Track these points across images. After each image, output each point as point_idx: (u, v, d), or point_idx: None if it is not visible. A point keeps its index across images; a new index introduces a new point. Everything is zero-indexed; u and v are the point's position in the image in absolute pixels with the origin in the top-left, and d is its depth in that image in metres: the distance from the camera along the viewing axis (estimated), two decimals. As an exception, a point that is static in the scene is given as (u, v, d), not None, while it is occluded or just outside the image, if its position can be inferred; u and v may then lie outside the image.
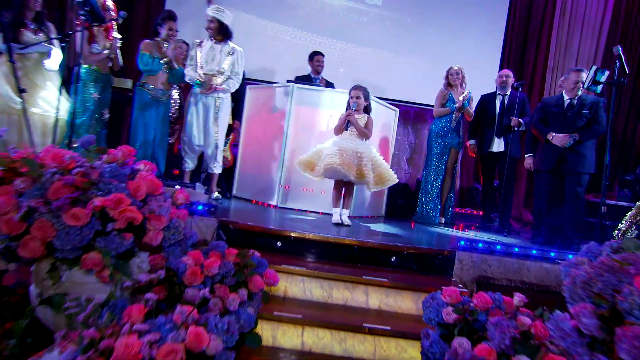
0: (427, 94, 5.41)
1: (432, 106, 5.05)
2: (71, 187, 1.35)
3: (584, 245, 1.38)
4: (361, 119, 3.33)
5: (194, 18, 4.96)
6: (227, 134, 3.99)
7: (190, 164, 3.80)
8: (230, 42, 3.70)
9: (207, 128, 3.69)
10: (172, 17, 3.59)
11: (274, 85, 4.24)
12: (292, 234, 2.67)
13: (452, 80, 4.37)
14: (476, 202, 5.64)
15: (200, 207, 2.63)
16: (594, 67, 3.10)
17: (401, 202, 4.79)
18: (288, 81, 4.16)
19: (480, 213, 5.13)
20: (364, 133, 3.31)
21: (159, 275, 1.40)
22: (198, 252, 1.81)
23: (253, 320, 1.63)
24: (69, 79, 3.39)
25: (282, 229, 2.72)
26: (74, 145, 2.84)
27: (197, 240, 1.90)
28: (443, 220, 4.46)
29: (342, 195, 3.38)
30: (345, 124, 3.22)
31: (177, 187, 2.78)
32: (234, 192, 4.34)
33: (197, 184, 2.88)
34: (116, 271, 1.37)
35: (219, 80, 3.65)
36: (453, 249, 2.71)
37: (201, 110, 3.68)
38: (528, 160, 4.05)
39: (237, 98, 4.15)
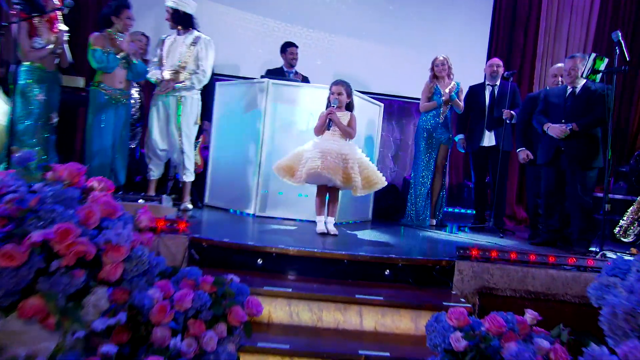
0: (412, 86, 5.34)
1: (418, 99, 5.01)
2: (2, 219, 1.17)
3: (607, 262, 1.29)
4: (343, 117, 3.24)
5: (156, 7, 4.71)
6: (197, 136, 3.84)
7: (155, 172, 3.64)
8: (195, 32, 3.55)
9: (170, 131, 3.53)
10: (126, 4, 3.38)
11: (247, 81, 4.12)
12: (274, 250, 2.52)
13: (438, 71, 4.31)
14: (467, 200, 5.63)
15: (168, 225, 2.45)
16: (593, 55, 3.05)
17: (388, 203, 4.71)
18: (262, 76, 4.05)
19: (472, 211, 5.11)
20: (348, 132, 3.22)
21: (119, 320, 1.23)
22: (167, 282, 1.64)
23: (234, 360, 1.48)
24: (5, 79, 3.13)
25: (262, 244, 2.57)
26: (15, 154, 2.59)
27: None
28: (434, 222, 4.42)
29: (327, 201, 3.28)
30: (327, 124, 3.11)
31: (140, 202, 2.59)
32: (206, 200, 4.19)
33: (164, 196, 2.70)
34: (65, 318, 1.19)
35: (181, 76, 3.48)
36: (452, 259, 2.63)
37: (162, 112, 3.53)
38: (522, 155, 4.00)
39: (206, 95, 3.98)
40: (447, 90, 4.24)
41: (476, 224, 4.53)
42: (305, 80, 4.74)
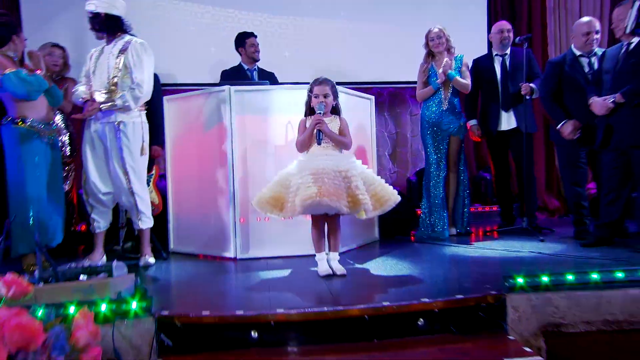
0: (403, 69, 5.26)
1: (412, 83, 4.84)
2: None
3: None
4: (332, 123, 2.99)
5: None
6: (148, 168, 3.53)
7: (101, 223, 3.33)
8: (126, 36, 3.27)
9: (111, 168, 3.23)
10: (17, 24, 3.20)
11: (202, 91, 3.82)
12: (272, 318, 2.18)
13: (434, 46, 4.08)
14: (486, 195, 5.46)
15: (124, 306, 2.08)
16: (637, 3, 2.80)
17: (395, 215, 4.41)
18: (221, 83, 3.82)
19: (495, 209, 5.00)
20: (343, 143, 2.97)
21: None
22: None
23: None
24: None
25: (256, 311, 2.22)
26: None
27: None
28: (454, 230, 4.20)
29: (326, 232, 3.00)
30: (315, 136, 2.83)
31: (82, 278, 2.21)
32: (172, 246, 3.90)
33: (115, 262, 2.34)
34: None
35: (114, 94, 3.17)
36: (499, 292, 2.33)
37: (98, 145, 3.24)
38: (568, 128, 3.65)
39: (154, 115, 3.72)
40: (440, 70, 3.99)
41: (504, 225, 4.36)
42: (271, 77, 4.49)
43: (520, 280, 2.32)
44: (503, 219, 4.46)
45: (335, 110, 3.04)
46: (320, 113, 2.89)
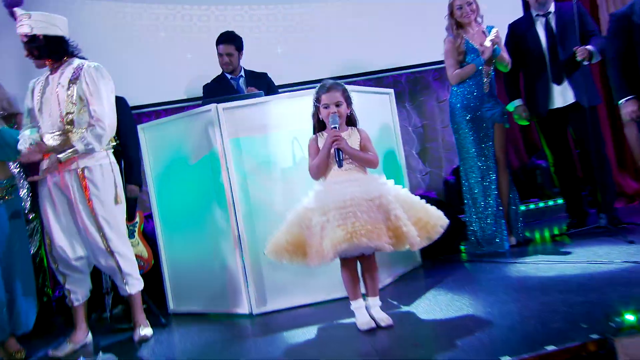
0: (421, 47, 5.14)
1: (434, 64, 4.92)
2: None
3: None
4: (351, 138, 2.78)
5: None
6: (129, 216, 3.40)
7: (78, 293, 3.11)
8: (76, 61, 3.08)
9: (80, 227, 3.03)
10: None
11: (182, 114, 3.70)
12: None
13: (464, 15, 3.87)
14: (542, 187, 5.27)
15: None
16: None
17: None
18: (204, 100, 3.65)
19: (557, 204, 4.90)
20: (368, 161, 2.76)
21: None
22: None
23: None
24: None
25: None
26: None
27: None
28: (514, 240, 3.97)
29: (361, 273, 2.80)
30: (335, 157, 2.65)
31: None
32: (172, 306, 3.71)
33: (101, 355, 2.10)
34: None
35: (73, 137, 2.97)
36: (603, 335, 2.04)
37: (59, 200, 3.02)
38: (628, 107, 3.47)
39: (126, 147, 3.65)
40: (487, 43, 3.76)
41: (574, 225, 4.11)
42: (261, 80, 4.35)
43: (630, 317, 2.03)
44: (571, 215, 4.21)
45: (351, 121, 2.85)
46: (335, 127, 2.68)
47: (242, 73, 4.37)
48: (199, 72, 4.69)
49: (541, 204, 5.12)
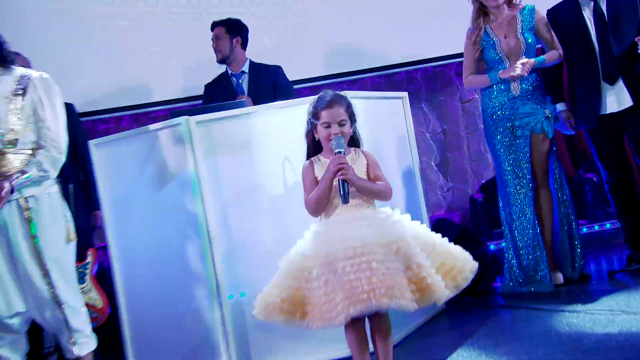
0: (441, 37, 5.15)
1: (457, 56, 4.80)
2: None
3: None
4: (356, 163, 2.73)
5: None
6: (79, 256, 3.38)
7: (12, 358, 3.05)
8: (15, 70, 3.08)
9: (20, 272, 2.97)
10: None
11: (145, 128, 3.69)
12: None
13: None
14: (594, 207, 5.24)
15: None
16: None
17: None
18: (172, 113, 3.63)
19: (610, 226, 4.97)
20: (380, 193, 2.69)
21: None
22: None
23: None
24: None
25: None
26: None
27: None
28: (561, 277, 3.90)
29: (371, 333, 2.71)
30: (340, 190, 2.58)
31: None
32: None
33: None
34: None
35: (13, 161, 2.96)
36: None
37: None
38: None
39: (82, 166, 3.80)
40: (516, 71, 3.73)
41: (636, 258, 3.97)
42: (269, 78, 4.47)
43: None
44: (632, 245, 4.05)
45: (354, 140, 2.79)
46: (341, 152, 2.59)
47: (246, 68, 4.44)
48: (169, 69, 4.82)
49: (595, 227, 5.11)
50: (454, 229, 4.16)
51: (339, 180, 2.56)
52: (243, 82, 4.46)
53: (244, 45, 4.46)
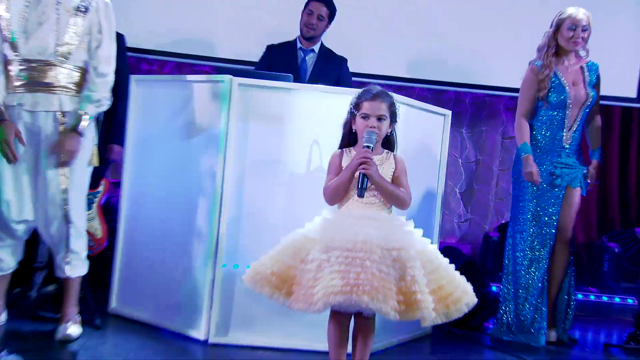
0: (499, 66, 5.19)
1: (510, 90, 4.95)
2: None
3: None
4: (384, 165, 2.76)
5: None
6: (92, 184, 3.38)
7: (4, 262, 3.16)
8: None
9: (40, 183, 3.08)
10: None
11: (189, 76, 3.83)
12: None
13: (571, 40, 3.83)
14: (603, 276, 5.18)
15: None
16: None
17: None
18: (220, 70, 3.69)
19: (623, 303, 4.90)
20: (397, 198, 2.71)
21: None
22: None
23: None
24: None
25: None
26: None
27: None
28: (554, 335, 3.91)
29: (353, 332, 2.76)
30: (358, 183, 2.61)
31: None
32: (113, 304, 3.74)
33: (4, 355, 2.06)
34: None
35: (59, 76, 3.05)
36: None
37: (25, 144, 3.07)
38: None
39: (118, 98, 3.67)
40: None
41: (637, 337, 3.94)
42: (333, 68, 4.47)
43: None
44: (638, 323, 4.03)
45: (389, 143, 2.81)
46: (369, 147, 2.63)
47: (316, 48, 4.48)
48: (225, 27, 4.86)
49: (604, 298, 5.09)
50: (460, 259, 4.14)
51: (359, 173, 2.61)
52: (309, 60, 4.50)
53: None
